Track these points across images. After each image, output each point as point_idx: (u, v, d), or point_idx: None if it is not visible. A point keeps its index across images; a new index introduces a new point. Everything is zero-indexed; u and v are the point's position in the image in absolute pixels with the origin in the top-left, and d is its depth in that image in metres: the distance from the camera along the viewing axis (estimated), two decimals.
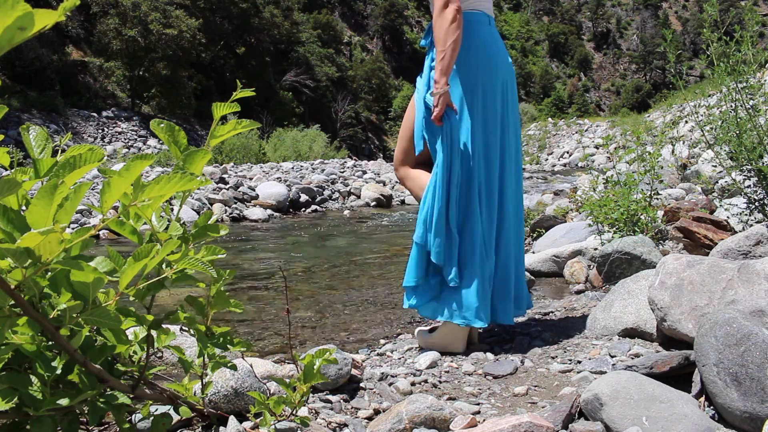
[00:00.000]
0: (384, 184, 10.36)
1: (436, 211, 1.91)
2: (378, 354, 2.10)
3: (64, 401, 0.89)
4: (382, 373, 1.75)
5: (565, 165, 22.26)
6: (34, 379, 0.89)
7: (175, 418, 1.21)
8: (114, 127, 23.01)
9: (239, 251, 4.77)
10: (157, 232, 0.99)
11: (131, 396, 1.03)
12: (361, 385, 1.65)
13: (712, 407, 1.30)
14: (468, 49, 1.93)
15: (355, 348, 2.23)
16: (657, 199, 3.61)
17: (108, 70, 26.09)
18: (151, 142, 22.19)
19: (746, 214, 2.75)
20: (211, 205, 7.13)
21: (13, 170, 0.89)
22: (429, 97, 1.95)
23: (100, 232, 5.47)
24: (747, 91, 2.65)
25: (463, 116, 1.94)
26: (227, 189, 7.80)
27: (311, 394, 1.54)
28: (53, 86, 23.18)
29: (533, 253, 3.63)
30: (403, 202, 9.73)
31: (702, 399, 1.34)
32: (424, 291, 1.99)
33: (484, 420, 1.42)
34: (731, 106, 2.68)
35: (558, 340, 2.05)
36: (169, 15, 25.85)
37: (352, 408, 1.52)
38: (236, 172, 10.05)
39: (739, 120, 2.62)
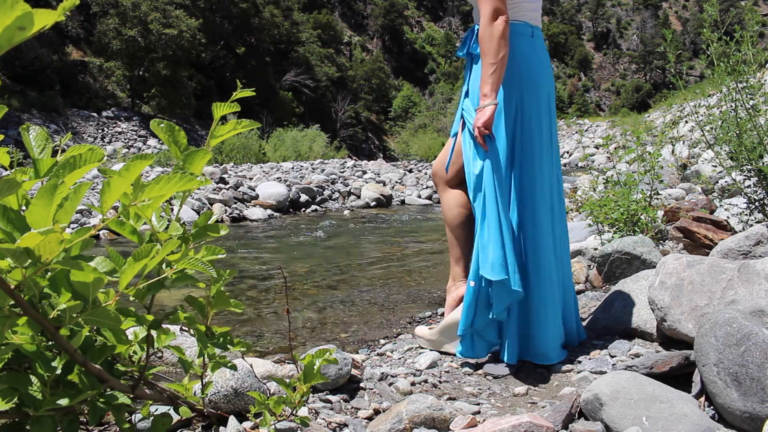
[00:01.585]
0: (384, 184, 10.36)
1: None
2: (378, 354, 2.10)
3: (64, 401, 0.89)
4: (382, 373, 1.75)
5: (565, 165, 22.25)
6: (34, 379, 0.89)
7: (175, 418, 1.21)
8: (114, 127, 23.01)
9: (239, 251, 4.77)
10: (157, 232, 0.99)
11: (131, 396, 1.03)
12: (361, 385, 1.65)
13: (712, 407, 1.30)
14: (508, 63, 1.79)
15: (355, 348, 2.23)
16: (657, 199, 3.61)
17: (108, 70, 26.09)
18: (151, 142, 22.19)
19: (746, 214, 2.75)
20: (211, 205, 7.13)
21: (13, 170, 0.89)
22: (469, 110, 1.83)
23: (100, 232, 5.47)
24: (747, 91, 2.65)
25: (498, 136, 1.81)
26: (227, 189, 7.80)
27: (311, 394, 1.54)
28: (53, 86, 23.18)
29: None
30: (403, 202, 9.73)
31: (702, 399, 1.34)
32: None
33: (484, 420, 1.42)
34: (731, 106, 2.68)
35: None
36: (169, 15, 25.85)
37: (352, 408, 1.52)
38: (236, 172, 10.04)
39: (739, 120, 2.62)
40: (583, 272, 3.00)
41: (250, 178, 9.37)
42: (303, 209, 8.39)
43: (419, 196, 9.95)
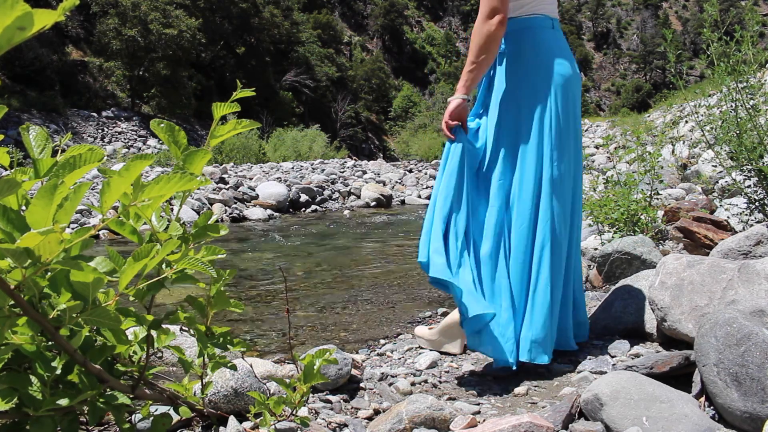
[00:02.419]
0: (384, 184, 10.36)
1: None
2: (378, 354, 2.10)
3: (64, 401, 0.89)
4: (382, 373, 1.75)
5: None
6: (34, 379, 0.89)
7: (175, 418, 1.21)
8: (114, 127, 23.01)
9: (239, 251, 4.77)
10: (157, 232, 0.99)
11: (131, 396, 1.03)
12: (361, 385, 1.65)
13: (712, 407, 1.30)
14: (532, 57, 1.76)
15: (355, 348, 2.23)
16: (657, 199, 3.61)
17: (108, 70, 26.09)
18: (151, 142, 22.20)
19: (746, 214, 2.75)
20: (211, 205, 7.13)
21: (13, 170, 0.89)
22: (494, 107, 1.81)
23: (100, 232, 5.47)
24: (747, 91, 2.65)
25: (532, 134, 1.76)
26: (227, 189, 7.80)
27: (311, 394, 1.54)
28: (53, 86, 23.18)
29: None
30: (403, 202, 9.73)
31: (702, 399, 1.34)
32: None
33: (484, 420, 1.41)
34: (731, 106, 2.69)
35: None
36: (169, 15, 25.85)
37: (352, 408, 1.52)
38: (236, 172, 10.05)
39: (739, 120, 2.62)
40: (583, 272, 3.00)
41: (250, 178, 9.38)
42: (303, 209, 8.39)
43: (419, 196, 9.96)
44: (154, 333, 1.08)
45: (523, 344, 1.72)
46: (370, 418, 1.46)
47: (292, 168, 11.32)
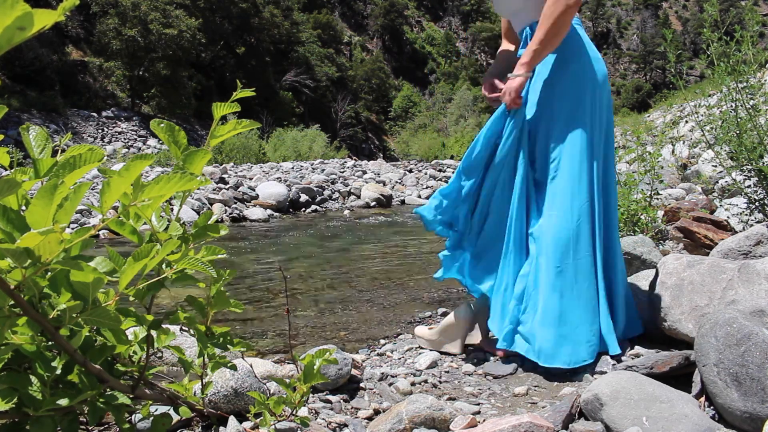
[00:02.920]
0: (384, 184, 10.36)
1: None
2: (378, 354, 2.10)
3: (64, 401, 0.89)
4: (382, 373, 1.75)
5: None
6: (34, 379, 0.89)
7: (175, 418, 1.21)
8: (114, 127, 23.02)
9: (239, 251, 4.77)
10: (157, 232, 0.99)
11: (131, 396, 1.03)
12: (361, 385, 1.65)
13: (712, 407, 1.30)
14: (576, 53, 1.78)
15: (355, 348, 2.23)
16: (657, 199, 3.61)
17: (108, 70, 26.11)
18: (151, 142, 22.20)
19: (746, 214, 2.75)
20: (211, 205, 7.13)
21: (13, 170, 0.89)
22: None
23: (100, 232, 5.47)
24: (747, 91, 2.65)
25: (582, 128, 1.76)
26: (227, 189, 7.80)
27: (311, 394, 1.54)
28: (53, 86, 23.19)
29: None
30: (403, 202, 9.73)
31: (702, 399, 1.34)
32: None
33: (484, 420, 1.41)
34: (731, 106, 2.69)
35: None
36: (169, 15, 25.86)
37: (352, 408, 1.52)
38: (236, 172, 10.05)
39: (739, 120, 2.62)
40: None
41: (250, 178, 9.38)
42: (303, 209, 8.39)
43: (419, 196, 9.96)
44: (154, 333, 1.08)
45: (608, 338, 1.75)
46: (370, 418, 1.46)
47: (292, 168, 11.33)
